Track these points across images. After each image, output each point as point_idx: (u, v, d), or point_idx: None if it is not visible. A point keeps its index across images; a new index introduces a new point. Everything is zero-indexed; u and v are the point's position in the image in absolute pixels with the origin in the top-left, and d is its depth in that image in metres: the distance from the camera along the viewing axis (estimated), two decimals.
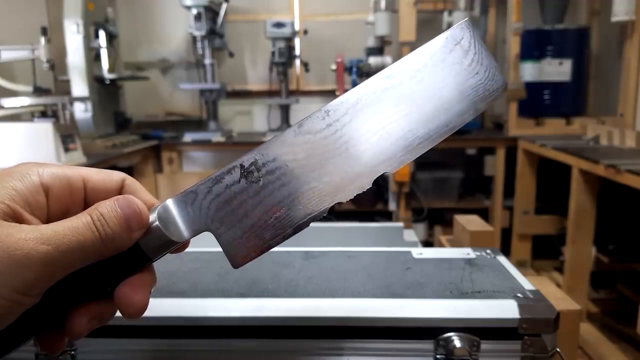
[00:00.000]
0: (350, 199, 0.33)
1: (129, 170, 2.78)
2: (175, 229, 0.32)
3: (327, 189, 0.32)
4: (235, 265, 0.33)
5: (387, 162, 0.32)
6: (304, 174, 0.32)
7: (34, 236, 0.27)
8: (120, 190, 0.34)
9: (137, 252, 0.31)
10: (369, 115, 0.32)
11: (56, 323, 0.30)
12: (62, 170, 0.32)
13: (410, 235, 0.98)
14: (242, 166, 0.32)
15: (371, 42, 2.88)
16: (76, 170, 0.33)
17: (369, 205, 2.84)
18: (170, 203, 0.32)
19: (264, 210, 0.32)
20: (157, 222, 0.31)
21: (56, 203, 0.31)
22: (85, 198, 0.33)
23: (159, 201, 0.33)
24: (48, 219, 0.30)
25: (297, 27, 3.00)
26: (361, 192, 0.32)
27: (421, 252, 0.64)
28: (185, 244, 0.34)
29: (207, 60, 2.93)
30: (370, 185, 0.32)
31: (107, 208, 0.30)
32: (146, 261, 0.32)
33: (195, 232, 0.32)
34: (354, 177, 0.32)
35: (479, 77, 0.32)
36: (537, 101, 2.84)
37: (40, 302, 0.28)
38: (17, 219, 0.28)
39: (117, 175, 0.34)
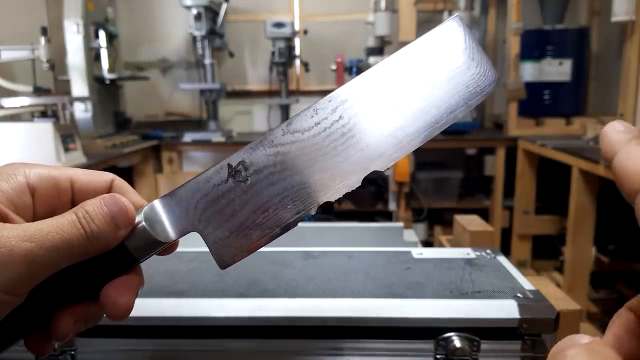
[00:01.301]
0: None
1: (129, 170, 2.78)
2: (162, 229, 0.31)
3: (316, 188, 0.32)
4: (223, 265, 0.32)
5: (377, 160, 0.32)
6: (293, 173, 0.32)
7: (17, 234, 0.27)
8: (109, 190, 0.33)
9: (122, 252, 0.31)
10: (358, 112, 0.32)
11: (42, 324, 0.30)
12: (48, 171, 0.32)
13: (410, 235, 0.98)
14: (229, 165, 0.32)
15: (371, 42, 2.88)
16: (63, 171, 0.32)
17: (369, 205, 2.84)
18: (157, 203, 0.32)
19: (252, 209, 0.32)
20: (143, 222, 0.31)
21: (42, 204, 0.31)
22: (73, 199, 0.32)
23: (147, 202, 0.33)
24: (34, 220, 0.30)
25: (297, 27, 3.00)
26: (350, 190, 0.32)
27: (421, 252, 0.64)
28: (173, 246, 0.33)
29: (207, 60, 2.93)
30: (360, 184, 0.32)
31: (92, 206, 0.29)
32: (132, 262, 0.31)
33: (182, 233, 0.32)
34: (343, 175, 0.32)
35: (470, 73, 0.32)
36: (537, 101, 2.84)
37: (25, 302, 0.28)
38: (1, 219, 0.28)
39: (105, 176, 0.34)
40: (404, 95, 0.32)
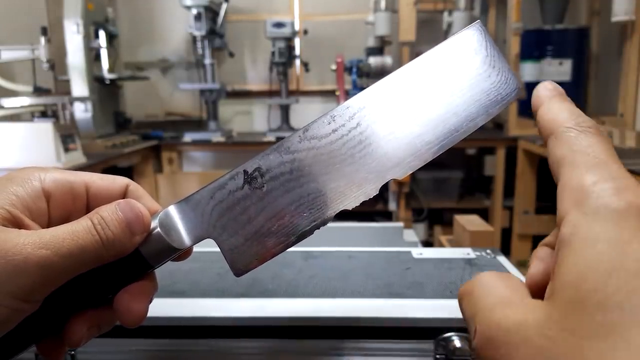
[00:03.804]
0: None
1: (129, 170, 2.78)
2: (177, 235, 0.31)
3: (333, 196, 0.31)
4: (237, 273, 0.32)
5: (394, 168, 0.31)
6: (309, 180, 0.31)
7: (32, 240, 0.26)
8: (124, 196, 0.33)
9: (137, 258, 0.30)
10: (376, 120, 0.31)
11: (55, 330, 0.30)
12: (64, 176, 0.31)
13: (410, 235, 0.98)
14: (245, 172, 0.31)
15: (371, 42, 2.88)
16: (78, 176, 0.32)
17: (369, 205, 2.84)
18: (172, 209, 0.32)
19: (268, 217, 0.31)
20: (158, 228, 0.31)
21: (57, 209, 0.31)
22: (88, 204, 0.32)
23: (161, 207, 0.33)
24: (49, 225, 0.30)
25: (297, 27, 3.00)
26: (368, 199, 0.31)
27: (421, 252, 0.64)
28: (187, 252, 0.33)
29: (207, 60, 2.93)
30: (377, 192, 0.32)
31: (108, 212, 0.29)
32: (147, 268, 0.31)
33: (197, 239, 0.32)
34: (360, 183, 0.31)
35: (491, 81, 0.31)
36: None
37: (39, 308, 0.28)
38: (17, 224, 0.28)
39: (120, 181, 0.33)
40: (423, 103, 0.31)
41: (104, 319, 0.31)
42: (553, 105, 0.26)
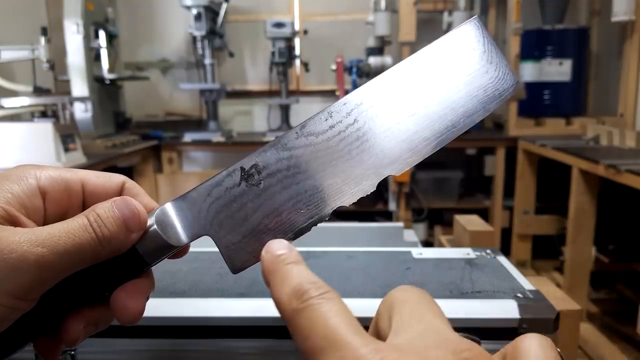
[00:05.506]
0: None
1: (129, 170, 2.78)
2: (174, 232, 0.31)
3: (330, 193, 0.31)
4: (235, 270, 0.32)
5: (392, 164, 0.31)
6: (306, 177, 0.31)
7: (28, 238, 0.26)
8: (120, 193, 0.33)
9: (134, 256, 0.30)
10: (373, 116, 0.31)
11: (52, 328, 0.30)
12: (60, 173, 0.31)
13: (410, 235, 0.98)
14: (242, 169, 0.31)
15: (371, 42, 2.89)
16: (75, 173, 0.32)
17: (369, 205, 2.84)
18: (168, 206, 0.31)
19: (265, 214, 0.31)
20: (154, 226, 0.30)
21: (54, 206, 0.31)
22: (84, 201, 0.32)
23: (158, 205, 0.32)
24: (45, 223, 0.30)
25: (297, 27, 3.00)
26: (365, 195, 0.31)
27: (421, 252, 0.64)
28: (184, 249, 0.33)
29: (207, 60, 2.93)
30: (375, 189, 0.31)
31: (104, 209, 0.29)
32: (144, 266, 0.31)
33: (194, 237, 0.31)
34: (357, 180, 0.31)
35: (488, 77, 0.31)
36: (537, 101, 2.84)
37: (36, 306, 0.27)
38: (13, 222, 0.28)
39: (116, 178, 0.33)
40: (420, 99, 0.31)
41: (101, 317, 0.31)
42: (275, 278, 0.26)
